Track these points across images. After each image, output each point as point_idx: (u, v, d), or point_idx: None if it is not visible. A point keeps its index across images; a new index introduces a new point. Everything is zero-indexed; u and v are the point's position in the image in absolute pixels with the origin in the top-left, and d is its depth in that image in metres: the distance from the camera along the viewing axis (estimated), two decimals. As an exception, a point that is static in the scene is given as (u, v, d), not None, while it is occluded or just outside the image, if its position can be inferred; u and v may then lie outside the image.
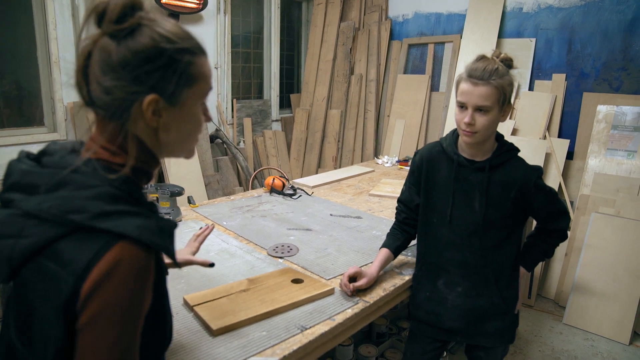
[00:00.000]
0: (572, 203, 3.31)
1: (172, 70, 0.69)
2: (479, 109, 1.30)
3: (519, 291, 1.52)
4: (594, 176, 3.14)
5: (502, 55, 1.32)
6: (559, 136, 3.47)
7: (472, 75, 1.29)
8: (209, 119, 0.80)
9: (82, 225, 0.63)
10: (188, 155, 0.80)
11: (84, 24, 0.68)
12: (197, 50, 0.73)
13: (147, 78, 0.67)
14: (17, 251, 0.64)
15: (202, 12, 3.81)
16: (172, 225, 0.73)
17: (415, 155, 1.57)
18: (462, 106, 1.33)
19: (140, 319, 0.67)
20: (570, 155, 3.40)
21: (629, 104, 3.14)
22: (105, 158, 0.70)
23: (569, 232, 1.52)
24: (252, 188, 3.74)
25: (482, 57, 1.31)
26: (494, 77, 1.27)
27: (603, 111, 3.18)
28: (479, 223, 1.40)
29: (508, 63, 1.32)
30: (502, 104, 1.31)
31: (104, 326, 0.62)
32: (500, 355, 1.56)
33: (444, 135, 4.02)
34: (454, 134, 1.48)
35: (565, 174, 3.38)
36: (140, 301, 0.66)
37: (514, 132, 3.51)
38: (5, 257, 0.64)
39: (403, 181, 2.84)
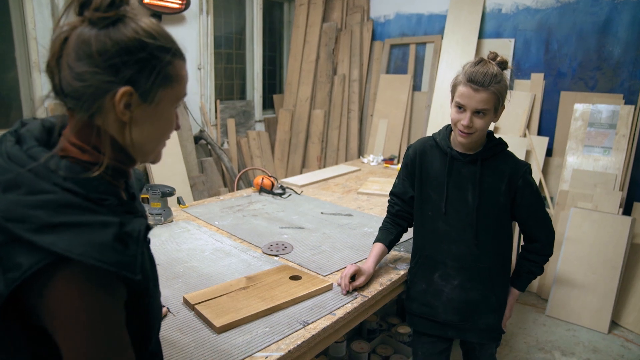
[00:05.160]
0: (552, 199, 3.41)
1: (150, 66, 0.68)
2: (477, 112, 1.34)
3: (507, 309, 1.56)
4: (572, 172, 3.25)
5: (498, 58, 1.35)
6: (538, 134, 3.57)
7: (472, 81, 1.31)
8: (177, 127, 0.78)
9: (20, 237, 0.59)
10: (155, 159, 0.78)
11: (64, 11, 0.67)
12: (177, 53, 0.72)
13: (123, 69, 0.66)
14: None
15: (185, 13, 3.78)
16: (139, 229, 0.67)
17: (408, 149, 1.60)
18: (460, 107, 1.36)
19: (113, 324, 0.65)
20: (549, 152, 3.50)
21: (604, 102, 3.26)
22: (74, 156, 0.68)
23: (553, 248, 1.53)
24: (238, 189, 3.73)
25: (480, 61, 1.34)
26: (493, 83, 1.30)
27: (580, 109, 3.30)
28: (473, 215, 1.44)
29: (504, 66, 1.36)
30: (498, 107, 1.36)
31: (74, 335, 0.62)
32: (493, 348, 1.61)
33: (427, 132, 4.06)
34: (447, 129, 1.52)
35: (545, 170, 3.48)
36: (102, 314, 0.64)
37: (495, 130, 3.60)
38: None
39: (390, 179, 2.90)
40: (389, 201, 1.68)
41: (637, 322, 2.82)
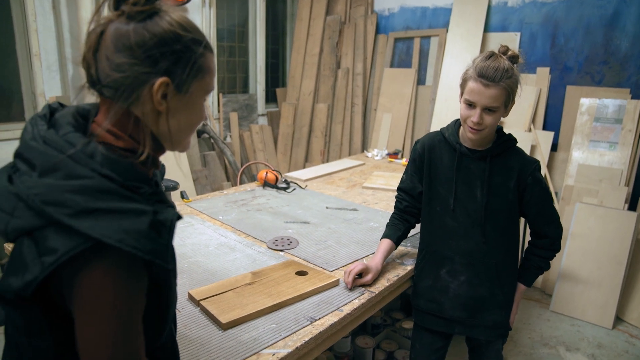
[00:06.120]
0: (557, 194, 3.39)
1: (185, 57, 0.70)
2: (487, 109, 1.31)
3: (514, 305, 1.54)
4: (577, 167, 3.23)
5: (509, 52, 1.32)
6: (544, 128, 3.54)
7: (483, 76, 1.28)
8: (205, 117, 0.80)
9: (59, 221, 0.60)
10: (184, 148, 0.81)
11: (101, 6, 0.70)
12: (208, 46, 0.75)
13: (161, 60, 0.68)
14: (10, 228, 0.64)
15: (187, 5, 3.74)
16: (172, 218, 0.68)
17: (416, 143, 1.58)
18: (470, 104, 1.34)
19: (136, 311, 0.67)
20: (554, 147, 3.48)
21: (611, 97, 3.22)
22: (108, 141, 0.70)
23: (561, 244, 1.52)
24: (241, 183, 3.71)
25: (491, 55, 1.31)
26: (504, 78, 1.27)
27: (586, 104, 3.26)
28: (481, 211, 1.42)
29: (515, 60, 1.33)
30: (509, 102, 1.34)
31: (100, 319, 0.63)
32: (499, 345, 1.59)
33: (431, 126, 4.01)
34: (456, 124, 1.50)
35: (550, 165, 3.45)
36: (126, 304, 0.65)
37: (500, 124, 3.57)
38: (1, 230, 0.65)
39: (394, 174, 2.88)
40: (396, 197, 1.66)
41: (642, 318, 2.81)
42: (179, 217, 0.72)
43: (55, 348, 0.69)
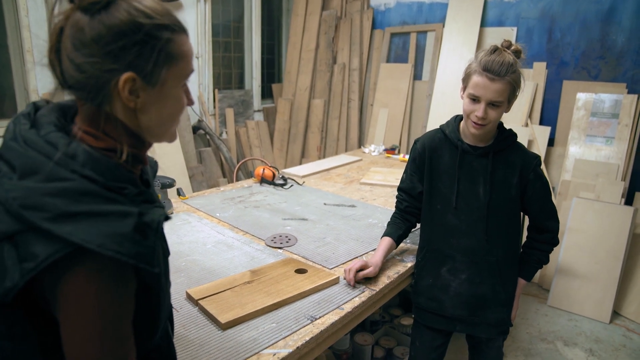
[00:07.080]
0: (554, 189, 3.39)
1: (149, 46, 0.65)
2: (491, 104, 1.30)
3: (515, 300, 1.53)
4: (574, 162, 3.23)
5: (513, 47, 1.31)
6: (540, 123, 3.54)
7: (489, 70, 1.27)
8: (190, 102, 0.76)
9: (38, 226, 0.57)
10: (170, 139, 0.76)
11: (56, 1, 0.65)
12: (177, 28, 0.69)
13: (122, 54, 0.63)
14: None
15: (182, 0, 3.70)
16: (158, 219, 0.65)
17: (415, 142, 1.57)
18: (474, 99, 1.32)
19: (122, 316, 0.65)
20: (551, 142, 3.48)
21: (607, 92, 3.22)
22: (89, 143, 0.66)
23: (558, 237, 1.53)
24: (237, 179, 3.68)
25: (495, 49, 1.29)
26: (510, 73, 1.26)
27: (582, 99, 3.26)
28: (484, 208, 1.41)
29: (518, 54, 1.32)
30: (512, 97, 1.33)
31: (84, 325, 0.61)
32: (500, 341, 1.59)
33: (428, 121, 3.98)
34: (456, 120, 1.48)
35: (547, 160, 3.45)
36: (114, 310, 0.63)
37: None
38: None
39: (392, 169, 2.86)
40: (397, 197, 1.65)
41: (638, 312, 2.82)
42: (167, 217, 0.69)
43: (41, 353, 0.67)
